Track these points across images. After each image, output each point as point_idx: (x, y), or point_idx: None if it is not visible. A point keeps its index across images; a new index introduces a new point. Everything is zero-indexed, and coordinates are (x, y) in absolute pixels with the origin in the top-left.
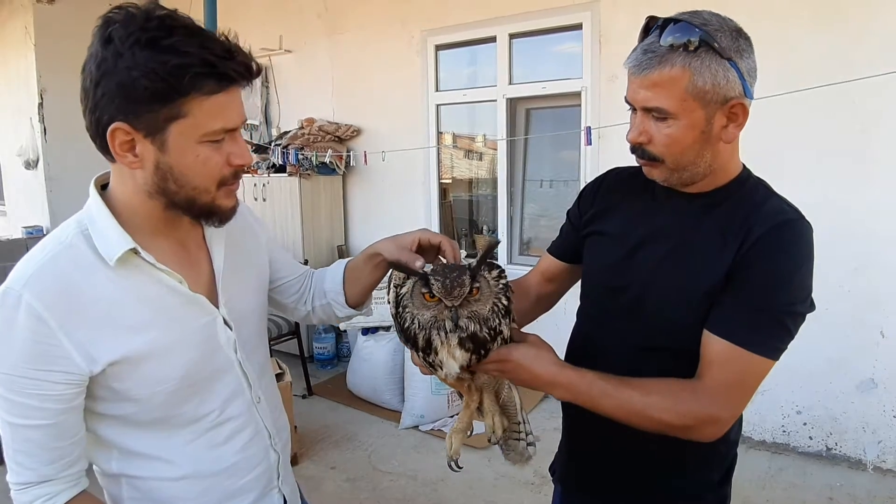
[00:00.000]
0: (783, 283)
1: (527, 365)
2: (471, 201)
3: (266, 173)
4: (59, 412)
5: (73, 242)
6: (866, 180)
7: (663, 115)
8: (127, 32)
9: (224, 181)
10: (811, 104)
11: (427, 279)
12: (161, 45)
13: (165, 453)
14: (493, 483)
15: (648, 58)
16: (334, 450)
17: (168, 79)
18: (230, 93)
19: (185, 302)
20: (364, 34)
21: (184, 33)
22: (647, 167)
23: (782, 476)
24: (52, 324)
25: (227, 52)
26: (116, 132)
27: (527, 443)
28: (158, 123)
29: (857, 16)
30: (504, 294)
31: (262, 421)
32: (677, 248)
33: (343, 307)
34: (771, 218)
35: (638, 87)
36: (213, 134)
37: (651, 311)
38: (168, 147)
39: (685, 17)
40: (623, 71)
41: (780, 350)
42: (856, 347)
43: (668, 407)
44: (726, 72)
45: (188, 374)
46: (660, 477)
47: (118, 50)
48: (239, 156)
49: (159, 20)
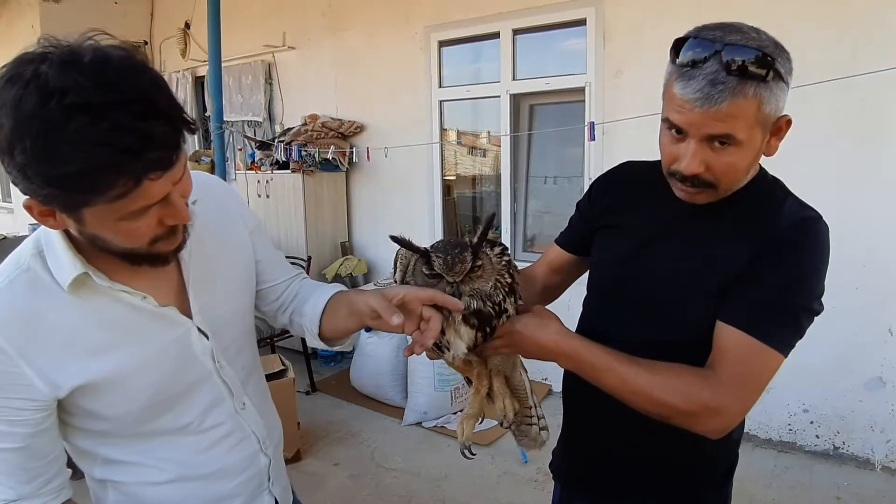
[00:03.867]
0: (802, 280)
1: (529, 334)
2: (474, 198)
3: (269, 170)
4: (29, 436)
5: (30, 265)
6: (875, 177)
7: (727, 142)
8: (17, 118)
9: (158, 238)
10: (819, 99)
11: (428, 256)
12: (56, 138)
13: (149, 460)
14: (497, 480)
15: (719, 90)
16: (338, 446)
17: (62, 184)
18: (145, 185)
19: (151, 318)
20: (367, 30)
21: (86, 120)
22: (689, 193)
23: (789, 475)
24: (11, 352)
25: (142, 139)
26: (32, 206)
27: (539, 427)
28: (69, 208)
29: (865, 10)
30: (507, 271)
31: (248, 426)
32: (692, 243)
33: (314, 337)
34: (792, 215)
35: (704, 118)
36: (132, 214)
37: (662, 305)
38: (86, 223)
39: (736, 38)
40: (627, 67)
41: (791, 346)
42: (864, 345)
43: (676, 389)
44: (784, 94)
45: (159, 391)
46: (660, 476)
47: (9, 136)
48: (172, 217)
49: (59, 98)
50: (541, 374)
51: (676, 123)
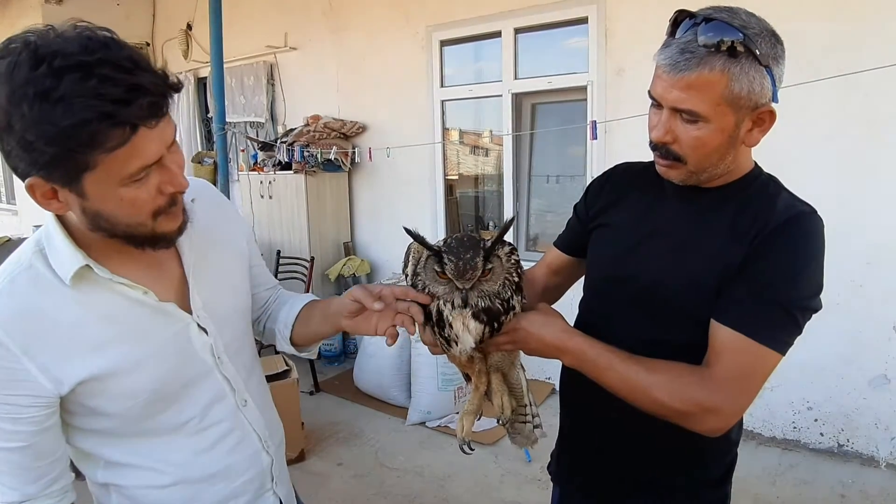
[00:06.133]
0: (796, 277)
1: (534, 331)
2: (477, 197)
3: (272, 170)
4: (33, 434)
5: (32, 263)
6: (878, 173)
7: (694, 118)
8: (12, 87)
9: (160, 211)
10: (822, 95)
11: (441, 257)
12: (50, 98)
13: (151, 462)
14: (500, 479)
15: (686, 58)
16: (341, 446)
17: (62, 141)
18: (140, 134)
19: (152, 313)
20: (369, 30)
21: (75, 77)
22: (664, 168)
23: (793, 473)
24: (14, 349)
25: (130, 90)
26: (33, 186)
27: (533, 425)
28: (71, 176)
29: (869, 6)
30: (515, 270)
31: (249, 424)
32: (686, 240)
33: (285, 341)
34: (785, 211)
35: (671, 86)
36: (131, 175)
37: (657, 303)
38: (87, 195)
39: (723, 16)
40: (629, 65)
41: (788, 344)
42: (868, 343)
43: (671, 389)
44: (762, 79)
45: (161, 385)
46: (659, 475)
47: (6, 107)
48: (170, 183)
49: (48, 62)
50: (544, 373)
51: (651, 92)
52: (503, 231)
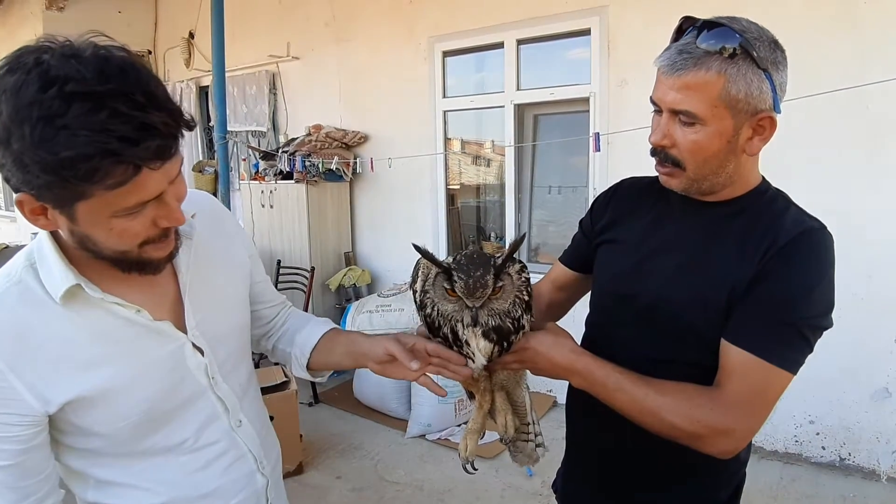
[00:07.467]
0: (807, 295)
1: (544, 352)
2: (479, 207)
3: (273, 180)
4: (20, 452)
5: (22, 278)
6: (880, 186)
7: (691, 120)
8: (16, 105)
9: (149, 241)
10: (824, 109)
11: (450, 274)
12: (54, 125)
13: (142, 482)
14: (501, 494)
15: (683, 58)
16: (340, 459)
17: (59, 171)
18: (144, 174)
19: (145, 332)
20: (371, 41)
21: (86, 108)
22: (665, 176)
23: (795, 486)
24: (1, 366)
25: (140, 128)
26: (23, 202)
27: (535, 444)
28: (63, 202)
29: (872, 20)
30: (525, 289)
31: (245, 444)
32: (693, 257)
33: (301, 368)
34: (794, 227)
35: (669, 87)
36: (127, 209)
37: (663, 321)
38: (78, 220)
39: (724, 21)
40: (631, 77)
41: (799, 364)
42: (869, 356)
43: (681, 411)
44: (760, 82)
45: (153, 406)
46: (666, 495)
47: (7, 123)
48: (166, 218)
49: (59, 85)
50: (545, 386)
51: (652, 97)
52: (514, 248)
